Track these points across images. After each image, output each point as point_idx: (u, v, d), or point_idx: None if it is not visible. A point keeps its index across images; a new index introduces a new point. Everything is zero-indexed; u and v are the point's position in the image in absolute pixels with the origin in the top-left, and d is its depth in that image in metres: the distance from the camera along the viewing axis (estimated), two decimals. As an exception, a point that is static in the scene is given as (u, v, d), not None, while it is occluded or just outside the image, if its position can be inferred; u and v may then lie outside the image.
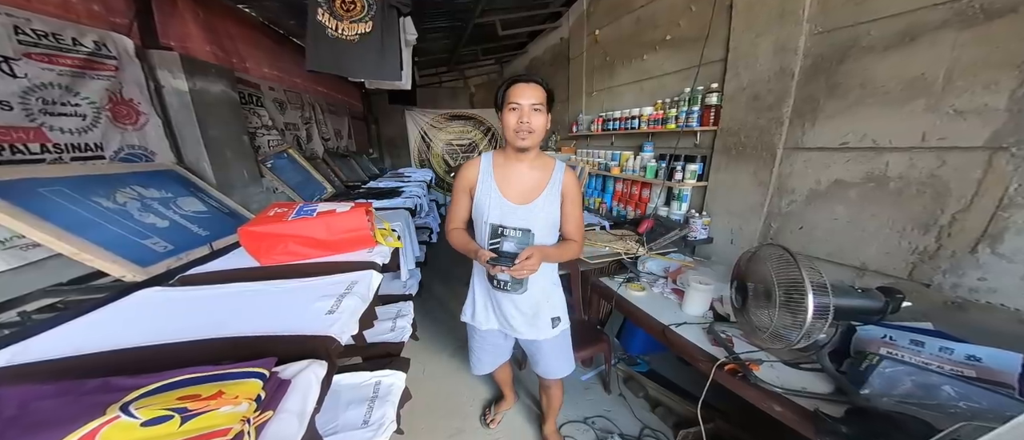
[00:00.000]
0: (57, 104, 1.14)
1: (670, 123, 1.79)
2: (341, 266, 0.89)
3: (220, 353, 0.58)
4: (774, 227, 1.42)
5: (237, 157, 1.84)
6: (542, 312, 0.97)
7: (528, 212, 0.87)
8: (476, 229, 0.97)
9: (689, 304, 1.12)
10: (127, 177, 1.20)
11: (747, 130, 1.48)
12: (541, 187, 0.89)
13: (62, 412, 0.39)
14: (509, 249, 0.87)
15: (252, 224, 0.93)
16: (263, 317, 0.67)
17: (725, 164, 1.60)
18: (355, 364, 0.99)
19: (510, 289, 0.94)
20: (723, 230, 1.64)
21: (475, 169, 0.92)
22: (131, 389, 0.43)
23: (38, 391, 0.42)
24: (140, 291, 0.81)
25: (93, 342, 0.60)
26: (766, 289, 0.77)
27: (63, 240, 0.86)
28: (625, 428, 1.37)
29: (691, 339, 0.98)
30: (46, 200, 0.91)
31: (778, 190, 1.40)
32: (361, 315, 0.72)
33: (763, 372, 0.80)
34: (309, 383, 0.51)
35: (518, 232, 0.88)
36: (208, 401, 0.41)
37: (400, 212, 1.85)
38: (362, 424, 0.78)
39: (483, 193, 0.89)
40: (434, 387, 1.65)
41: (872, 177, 1.10)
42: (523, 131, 0.80)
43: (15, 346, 0.59)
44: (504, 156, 0.91)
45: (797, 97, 1.30)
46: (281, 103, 2.63)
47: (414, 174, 3.68)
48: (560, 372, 1.09)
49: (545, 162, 0.91)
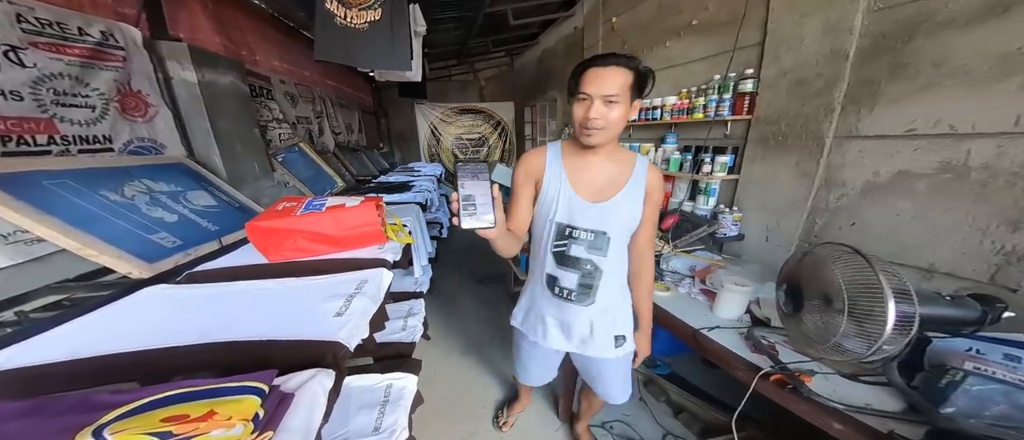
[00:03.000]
0: (68, 95, 1.11)
1: (697, 113, 1.66)
2: (351, 263, 0.83)
3: (221, 360, 0.53)
4: (819, 223, 1.29)
5: (248, 150, 1.80)
6: (606, 328, 0.84)
7: (603, 212, 0.74)
8: (536, 230, 0.82)
9: (723, 306, 1.02)
10: (136, 170, 1.17)
11: (789, 118, 1.35)
12: (620, 183, 0.75)
13: (28, 437, 0.33)
14: (578, 254, 0.76)
15: (260, 219, 0.88)
16: (269, 319, 0.63)
17: (760, 155, 1.47)
18: (365, 365, 0.93)
19: (574, 299, 0.80)
20: (757, 227, 1.51)
21: (541, 157, 0.78)
22: (111, 407, 0.37)
23: (7, 409, 0.36)
24: (145, 289, 0.77)
25: (92, 344, 0.56)
26: (826, 294, 0.67)
27: (66, 235, 0.82)
28: (646, 434, 1.29)
29: (725, 345, 0.89)
30: (50, 193, 0.88)
31: (826, 183, 1.27)
32: (371, 317, 0.66)
33: (816, 384, 0.70)
34: (315, 396, 0.45)
35: (590, 235, 0.75)
36: (197, 423, 0.35)
37: (411, 207, 1.79)
38: (373, 431, 0.73)
39: (550, 186, 0.76)
40: (445, 388, 1.60)
41: (948, 167, 0.96)
42: (589, 128, 0.66)
43: (11, 347, 0.55)
44: (575, 145, 0.77)
45: (852, 81, 1.16)
46: (292, 97, 2.60)
47: (424, 168, 3.62)
48: (618, 398, 0.96)
49: (624, 156, 0.78)
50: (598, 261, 0.77)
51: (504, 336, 1.99)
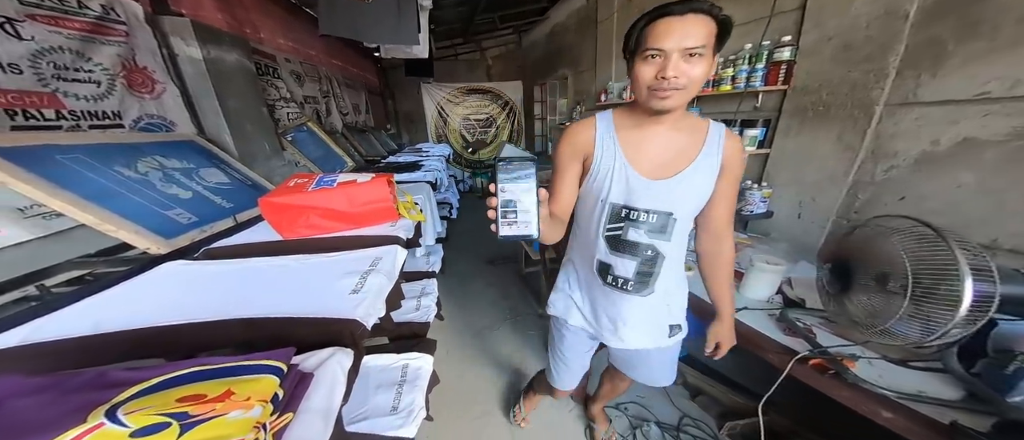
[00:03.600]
0: (70, 69, 1.07)
1: (725, 85, 1.53)
2: (364, 241, 0.81)
3: (240, 336, 0.51)
4: (861, 198, 1.19)
5: (257, 129, 1.77)
6: (660, 318, 0.75)
7: (669, 189, 0.63)
8: (582, 210, 0.72)
9: (752, 287, 0.96)
10: (147, 147, 1.14)
11: (832, 87, 1.22)
12: (690, 155, 0.63)
13: (40, 415, 0.31)
14: (636, 238, 0.66)
15: (272, 195, 0.87)
16: (286, 295, 0.61)
17: (796, 128, 1.35)
18: (382, 345, 0.93)
19: (631, 289, 0.70)
20: (788, 203, 1.42)
21: (589, 131, 0.66)
22: (128, 384, 0.35)
23: (22, 385, 0.34)
24: (165, 264, 0.76)
25: (115, 318, 0.55)
26: (882, 272, 0.60)
27: (84, 209, 0.81)
28: (662, 416, 1.27)
29: (755, 327, 0.84)
30: (64, 168, 0.86)
31: (872, 155, 1.15)
32: (387, 295, 0.64)
33: (861, 370, 0.65)
34: (335, 375, 0.42)
35: (652, 216, 0.64)
36: (214, 403, 0.32)
37: (421, 185, 1.75)
38: (391, 410, 0.73)
39: (602, 162, 0.64)
40: (459, 369, 1.61)
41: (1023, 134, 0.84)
42: (665, 89, 0.53)
43: (35, 321, 0.55)
44: (631, 115, 0.65)
45: (911, 43, 1.02)
46: (298, 75, 2.54)
47: (432, 149, 3.55)
48: (663, 382, 0.87)
49: (693, 123, 0.65)
50: (660, 246, 0.66)
51: (515, 317, 1.99)
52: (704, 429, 1.20)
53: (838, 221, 1.27)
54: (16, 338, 0.49)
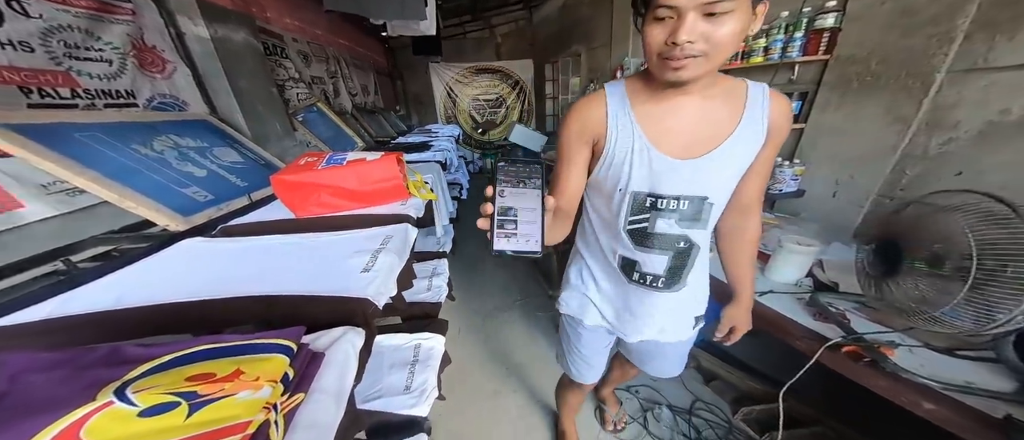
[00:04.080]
0: (80, 48, 1.06)
1: (755, 57, 1.38)
2: (375, 219, 0.79)
3: (256, 313, 0.51)
4: (909, 174, 1.08)
5: (268, 110, 1.75)
6: (687, 309, 0.68)
7: (703, 170, 0.52)
8: (596, 201, 0.62)
9: (779, 269, 0.89)
10: (162, 126, 1.14)
11: (884, 54, 1.09)
12: (727, 127, 0.51)
13: (53, 391, 0.30)
14: (666, 230, 0.55)
15: (283, 173, 0.86)
16: (299, 272, 0.60)
17: (837, 100, 1.23)
18: (395, 325, 0.93)
19: (662, 286, 0.61)
20: (823, 181, 1.31)
21: (598, 108, 0.54)
22: (140, 361, 0.34)
23: (39, 360, 0.34)
24: (184, 241, 0.77)
25: (137, 293, 0.56)
26: (937, 253, 0.53)
27: (105, 186, 0.81)
28: (674, 400, 1.25)
29: (782, 311, 0.79)
30: (83, 145, 0.86)
31: (927, 127, 1.04)
32: (398, 274, 0.62)
33: (901, 358, 0.60)
34: (347, 355, 0.41)
35: (683, 203, 0.54)
36: (223, 383, 0.31)
37: (431, 165, 1.71)
38: (405, 390, 0.73)
39: (618, 145, 0.53)
40: (470, 349, 1.64)
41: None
42: (677, 59, 0.42)
43: (62, 296, 0.56)
44: (647, 84, 0.53)
45: (985, 2, 0.88)
46: (306, 56, 2.48)
47: (442, 130, 3.48)
48: (673, 373, 0.81)
49: (729, 86, 0.53)
50: (695, 235, 0.57)
51: (525, 298, 1.99)
52: (717, 413, 1.18)
53: (879, 199, 1.17)
54: (43, 312, 0.50)
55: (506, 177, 0.38)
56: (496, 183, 0.38)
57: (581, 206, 0.65)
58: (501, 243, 0.37)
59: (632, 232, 0.58)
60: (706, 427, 1.15)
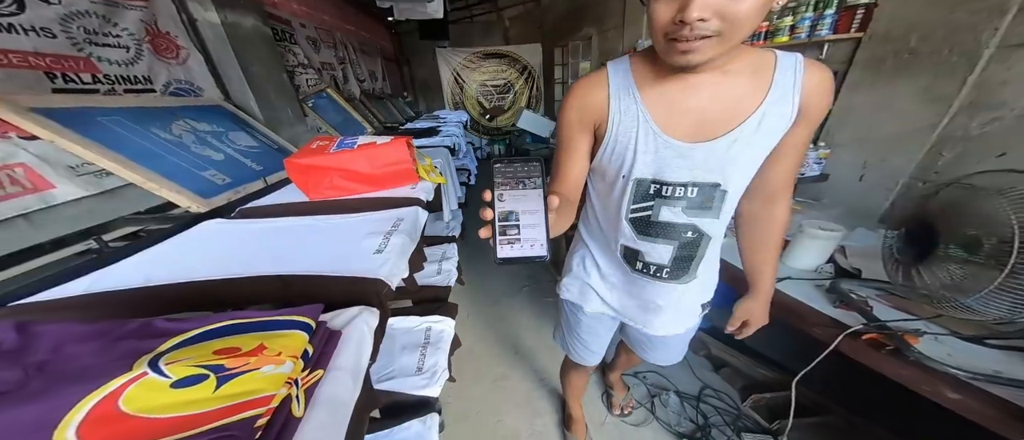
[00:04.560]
0: (99, 34, 1.07)
1: (781, 36, 1.30)
2: (386, 202, 0.79)
3: (275, 292, 0.52)
4: (946, 157, 1.02)
5: (280, 96, 1.76)
6: (695, 298, 0.63)
7: (716, 154, 0.47)
8: (598, 186, 0.57)
9: (799, 255, 0.86)
10: (179, 110, 1.16)
11: (926, 31, 1.00)
12: (748, 105, 0.45)
13: (91, 361, 0.32)
14: (672, 219, 0.51)
15: (296, 156, 0.87)
16: (314, 253, 0.61)
17: (869, 80, 1.15)
18: (406, 308, 0.95)
19: (667, 277, 0.57)
20: (849, 164, 1.25)
21: (600, 89, 0.49)
22: (169, 335, 0.35)
23: (76, 331, 0.35)
24: (205, 222, 0.79)
25: (163, 272, 0.58)
26: (973, 238, 0.50)
27: (129, 169, 0.84)
28: (683, 386, 1.25)
29: (799, 298, 0.76)
30: (107, 129, 0.89)
31: (970, 106, 0.96)
32: (410, 255, 0.62)
33: (926, 346, 0.57)
34: (362, 334, 0.41)
35: (692, 191, 0.49)
36: (247, 357, 0.32)
37: (440, 150, 1.70)
38: (416, 371, 0.75)
39: (621, 128, 0.49)
40: (478, 333, 1.66)
41: None
42: (687, 40, 0.37)
43: (97, 272, 0.58)
44: (656, 62, 0.47)
45: None
46: (314, 41, 2.47)
47: (450, 116, 3.43)
48: (673, 361, 0.79)
49: (753, 59, 0.45)
50: (704, 225, 0.52)
51: (533, 283, 2.00)
52: (726, 401, 1.17)
53: (911, 183, 1.11)
54: (81, 287, 0.52)
55: (504, 179, 0.35)
56: (494, 186, 0.35)
57: (584, 190, 0.62)
58: (505, 250, 0.34)
59: (634, 221, 0.54)
60: (714, 413, 1.15)
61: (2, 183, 0.74)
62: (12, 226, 0.74)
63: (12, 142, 0.78)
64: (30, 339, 0.33)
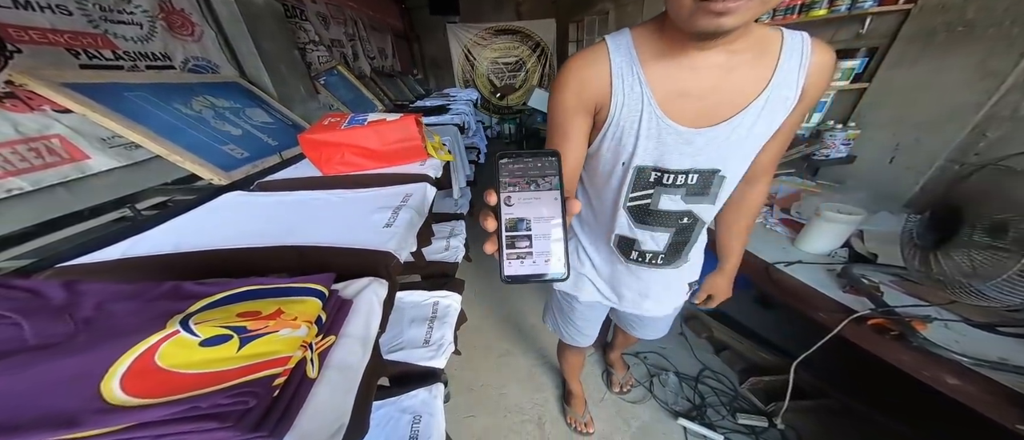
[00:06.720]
0: (114, 11, 1.06)
1: (817, 9, 1.16)
2: (395, 178, 0.80)
3: (292, 263, 0.54)
4: (990, 137, 0.93)
5: (292, 73, 1.74)
6: (684, 277, 0.63)
7: (718, 140, 0.44)
8: (595, 169, 0.53)
9: (812, 239, 0.82)
10: (197, 87, 1.17)
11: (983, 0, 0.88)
12: (752, 89, 0.42)
13: (131, 319, 0.34)
14: (670, 207, 0.49)
15: (310, 132, 0.87)
16: (327, 225, 0.63)
17: (914, 55, 1.04)
18: (414, 283, 0.97)
19: (661, 263, 0.56)
20: (879, 145, 1.17)
21: (601, 67, 0.44)
22: (197, 297, 0.37)
23: (115, 291, 0.38)
24: (227, 194, 0.81)
25: (190, 240, 0.60)
26: (999, 222, 0.46)
27: (155, 142, 0.87)
28: (682, 367, 1.26)
29: (809, 282, 0.74)
30: (133, 104, 0.91)
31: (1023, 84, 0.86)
32: (418, 230, 0.63)
33: (934, 333, 0.55)
34: (371, 305, 0.43)
35: (691, 177, 0.47)
36: (267, 320, 0.33)
37: (449, 128, 1.67)
38: (424, 343, 0.77)
39: (622, 112, 0.44)
40: (484, 310, 1.70)
41: None
42: (723, 1, 0.32)
43: (132, 238, 0.62)
44: (660, 36, 0.42)
45: None
46: (324, 17, 2.39)
47: (460, 94, 3.34)
48: (660, 334, 0.81)
49: (760, 37, 0.42)
50: (699, 210, 0.51)
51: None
52: (724, 382, 1.18)
53: (946, 166, 1.03)
54: (118, 252, 0.56)
55: (512, 178, 0.27)
56: (500, 188, 0.27)
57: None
58: (513, 267, 0.27)
59: (632, 210, 0.52)
60: (711, 394, 1.16)
61: (41, 153, 0.78)
62: (53, 194, 0.79)
63: (47, 115, 0.80)
64: (77, 296, 0.36)
